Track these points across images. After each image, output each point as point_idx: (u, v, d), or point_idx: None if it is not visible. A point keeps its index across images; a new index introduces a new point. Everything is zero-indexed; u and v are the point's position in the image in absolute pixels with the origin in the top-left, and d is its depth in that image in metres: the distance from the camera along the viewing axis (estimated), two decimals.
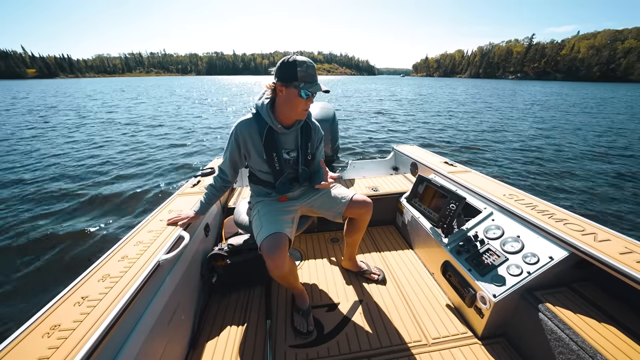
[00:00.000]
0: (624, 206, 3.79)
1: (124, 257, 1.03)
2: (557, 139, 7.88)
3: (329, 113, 2.33)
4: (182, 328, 1.23)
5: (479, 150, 6.73)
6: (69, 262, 2.61)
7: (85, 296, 0.84)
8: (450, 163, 2.12)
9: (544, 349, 1.04)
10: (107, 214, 3.49)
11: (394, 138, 7.93)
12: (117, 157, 5.93)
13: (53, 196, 3.99)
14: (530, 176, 4.93)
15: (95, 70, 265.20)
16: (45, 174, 4.88)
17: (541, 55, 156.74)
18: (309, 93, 1.10)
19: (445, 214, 1.44)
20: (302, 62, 1.07)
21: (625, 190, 4.36)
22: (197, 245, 1.47)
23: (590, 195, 4.15)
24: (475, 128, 9.44)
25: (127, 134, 8.48)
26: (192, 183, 1.85)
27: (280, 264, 1.11)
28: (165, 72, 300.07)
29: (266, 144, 1.22)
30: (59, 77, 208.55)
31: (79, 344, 0.68)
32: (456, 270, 1.37)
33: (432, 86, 43.21)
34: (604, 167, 5.46)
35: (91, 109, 14.47)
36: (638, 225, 3.30)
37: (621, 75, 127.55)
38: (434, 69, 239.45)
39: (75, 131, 8.79)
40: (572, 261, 1.11)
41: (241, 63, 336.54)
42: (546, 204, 1.40)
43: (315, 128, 1.35)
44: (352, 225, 1.47)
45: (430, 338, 1.27)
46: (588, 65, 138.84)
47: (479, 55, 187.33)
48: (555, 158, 6.05)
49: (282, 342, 1.28)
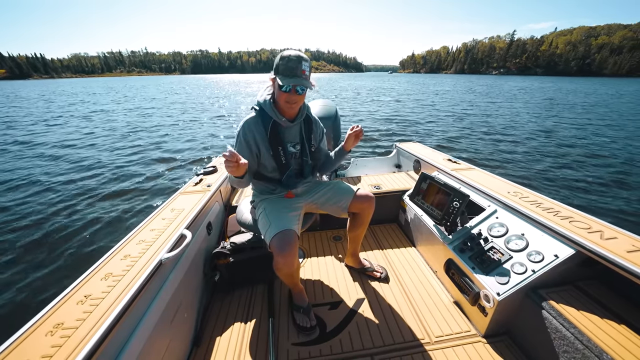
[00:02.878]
0: (631, 203, 3.71)
1: (127, 256, 1.03)
2: (564, 136, 7.71)
3: (331, 110, 2.29)
4: (185, 326, 1.22)
5: (483, 147, 6.61)
6: (70, 261, 2.63)
7: (88, 295, 0.84)
8: (453, 160, 2.10)
9: (548, 348, 1.03)
10: (108, 213, 3.50)
11: (395, 137, 7.87)
12: (117, 156, 5.85)
13: (53, 194, 3.96)
14: (537, 173, 4.84)
15: (72, 70, 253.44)
16: (43, 174, 4.79)
17: (522, 50, 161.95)
18: (288, 87, 1.11)
19: (448, 211, 1.43)
20: (285, 55, 1.09)
21: (634, 187, 4.24)
22: (199, 244, 1.46)
23: (596, 192, 4.06)
24: (480, 125, 9.23)
25: (127, 133, 8.30)
26: (195, 182, 1.83)
27: (291, 261, 1.12)
28: (147, 71, 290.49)
29: (271, 137, 1.23)
30: (33, 77, 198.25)
31: (82, 343, 0.68)
32: (459, 268, 1.37)
33: (429, 83, 42.70)
34: (611, 163, 5.34)
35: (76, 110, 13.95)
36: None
37: (596, 70, 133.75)
38: (421, 65, 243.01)
39: (61, 130, 8.45)
40: (577, 259, 1.09)
41: (227, 61, 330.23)
42: (551, 202, 1.38)
43: (315, 121, 1.38)
44: (355, 220, 1.48)
45: (433, 336, 1.27)
46: (566, 61, 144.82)
47: (464, 51, 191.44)
48: (564, 154, 5.90)
49: (284, 340, 1.27)
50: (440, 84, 38.91)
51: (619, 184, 4.40)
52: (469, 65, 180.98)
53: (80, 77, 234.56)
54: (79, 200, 3.83)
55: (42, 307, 0.79)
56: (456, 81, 51.35)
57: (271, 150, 1.26)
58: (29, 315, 0.75)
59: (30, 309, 2.10)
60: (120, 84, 51.75)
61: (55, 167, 5.33)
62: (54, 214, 3.43)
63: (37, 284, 2.34)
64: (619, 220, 3.31)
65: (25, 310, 2.09)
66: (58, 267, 2.54)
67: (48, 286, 2.31)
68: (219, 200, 1.89)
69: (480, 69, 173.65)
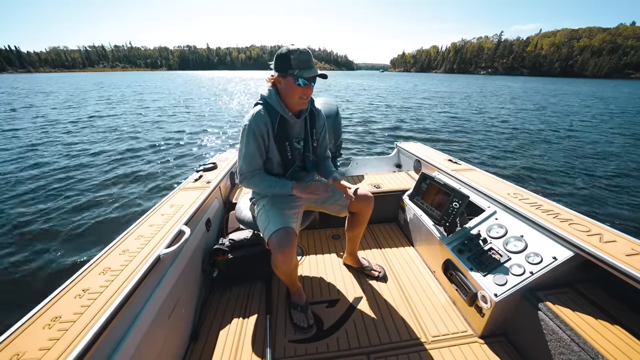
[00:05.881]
0: (630, 207, 3.71)
1: (125, 251, 1.03)
2: (563, 138, 7.74)
3: (332, 109, 2.24)
4: (183, 322, 1.22)
5: (484, 148, 6.61)
6: (68, 256, 2.62)
7: (86, 289, 0.84)
8: (454, 161, 2.09)
9: (545, 350, 1.03)
10: (108, 208, 3.48)
11: (395, 135, 7.81)
12: (117, 155, 5.74)
13: (51, 194, 3.89)
14: (536, 175, 4.84)
15: (50, 65, 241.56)
16: (41, 171, 4.70)
17: (509, 51, 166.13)
18: (305, 80, 1.09)
19: (448, 212, 1.43)
20: (294, 49, 1.07)
21: (633, 190, 4.23)
22: (198, 240, 1.46)
23: (596, 196, 4.06)
24: (482, 126, 9.25)
25: (126, 131, 8.04)
26: (194, 178, 1.82)
27: (289, 259, 1.12)
28: (132, 66, 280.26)
29: (278, 133, 1.21)
30: (7, 72, 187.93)
31: (79, 336, 0.69)
32: (458, 268, 1.37)
33: (425, 83, 42.06)
34: (611, 166, 5.35)
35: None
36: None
37: (578, 71, 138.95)
38: (411, 64, 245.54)
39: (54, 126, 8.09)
40: (576, 262, 1.09)
41: (216, 57, 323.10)
42: (551, 204, 1.37)
43: (319, 114, 1.37)
44: (354, 219, 1.48)
45: (430, 336, 1.26)
46: (550, 62, 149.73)
47: (453, 51, 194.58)
48: (564, 158, 5.90)
49: (282, 337, 1.27)
50: (443, 84, 38.28)
51: (621, 187, 4.40)
52: (458, 65, 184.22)
53: (59, 71, 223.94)
54: (79, 194, 3.81)
55: (40, 300, 0.78)
56: (451, 81, 51.62)
57: (278, 145, 1.23)
58: (27, 308, 0.75)
59: (27, 301, 2.09)
60: (107, 80, 49.75)
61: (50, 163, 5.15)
62: (50, 212, 3.37)
63: (34, 277, 2.33)
64: (619, 224, 3.31)
65: (22, 303, 2.06)
66: (55, 261, 2.53)
67: (44, 280, 2.31)
68: (218, 197, 1.86)
69: (469, 68, 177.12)
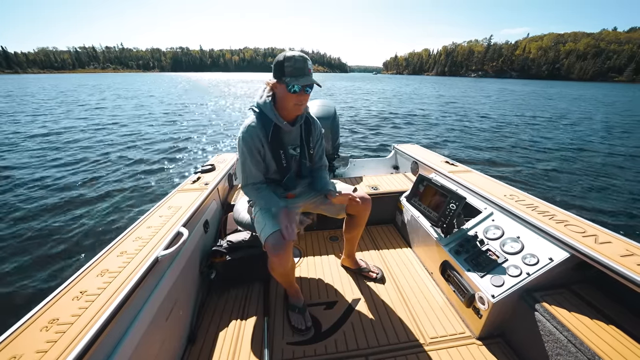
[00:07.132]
0: (626, 207, 3.74)
1: (123, 253, 1.03)
2: (560, 139, 7.89)
3: (329, 110, 2.27)
4: (180, 324, 1.22)
5: (480, 150, 6.66)
6: (65, 257, 2.63)
7: (83, 291, 0.83)
8: (451, 162, 2.10)
9: (542, 351, 1.04)
10: (106, 210, 3.48)
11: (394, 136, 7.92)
12: (116, 155, 5.71)
13: (50, 192, 3.89)
14: (532, 176, 4.87)
15: (39, 66, 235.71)
16: (40, 171, 4.71)
17: (499, 54, 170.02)
18: (298, 87, 1.08)
19: (445, 213, 1.44)
20: (290, 56, 1.07)
21: (629, 191, 4.30)
22: (196, 242, 1.45)
23: (592, 197, 4.10)
24: (478, 128, 9.38)
25: (126, 131, 8.00)
26: (192, 179, 1.82)
27: (285, 261, 1.13)
28: (124, 68, 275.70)
29: (272, 141, 1.22)
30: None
31: (76, 338, 0.68)
32: (455, 270, 1.38)
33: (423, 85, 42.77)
34: (610, 167, 5.41)
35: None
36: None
37: (564, 74, 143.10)
38: (403, 67, 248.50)
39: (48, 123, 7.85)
40: (572, 263, 1.10)
41: (209, 59, 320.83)
42: (547, 205, 1.39)
43: (314, 122, 1.37)
44: (351, 221, 1.48)
45: (427, 337, 1.27)
46: (538, 65, 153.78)
47: (444, 54, 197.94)
48: (560, 159, 5.97)
49: (279, 339, 1.27)
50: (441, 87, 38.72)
51: (617, 188, 4.45)
52: (450, 68, 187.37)
53: (48, 72, 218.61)
54: (78, 196, 3.78)
55: (37, 302, 0.78)
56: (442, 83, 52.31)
57: (273, 154, 1.24)
58: (24, 310, 0.75)
59: (25, 303, 2.10)
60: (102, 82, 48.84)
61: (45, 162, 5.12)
62: (46, 213, 3.36)
63: (31, 279, 2.33)
64: (614, 225, 3.33)
65: (18, 306, 2.07)
66: (52, 263, 2.54)
67: (42, 281, 2.31)
68: (216, 199, 1.86)
69: (460, 71, 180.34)
